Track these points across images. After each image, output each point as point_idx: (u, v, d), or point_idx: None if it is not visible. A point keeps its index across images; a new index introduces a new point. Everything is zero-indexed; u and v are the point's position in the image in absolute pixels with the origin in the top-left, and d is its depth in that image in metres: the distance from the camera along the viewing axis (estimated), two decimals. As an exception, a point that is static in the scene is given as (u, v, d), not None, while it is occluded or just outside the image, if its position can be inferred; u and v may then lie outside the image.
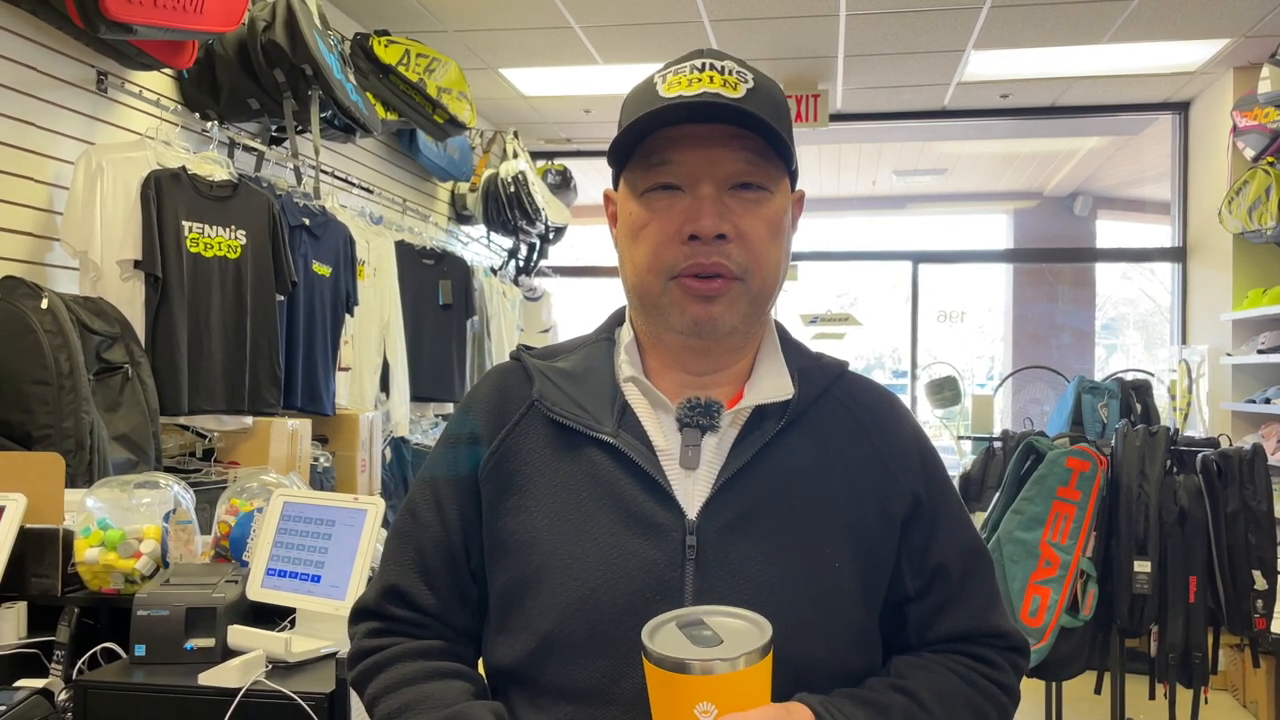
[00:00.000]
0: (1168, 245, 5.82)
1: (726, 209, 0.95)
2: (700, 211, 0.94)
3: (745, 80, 0.95)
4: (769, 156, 0.96)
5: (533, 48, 4.72)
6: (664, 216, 0.96)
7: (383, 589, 1.02)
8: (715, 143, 0.95)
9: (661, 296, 0.97)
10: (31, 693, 1.53)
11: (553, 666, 0.92)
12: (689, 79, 0.94)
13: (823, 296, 7.09)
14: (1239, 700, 4.20)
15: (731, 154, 0.95)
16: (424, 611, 1.01)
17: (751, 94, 0.94)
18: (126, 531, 1.79)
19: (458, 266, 4.65)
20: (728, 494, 0.94)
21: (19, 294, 2.28)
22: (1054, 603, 2.63)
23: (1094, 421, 3.93)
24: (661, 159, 0.96)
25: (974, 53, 4.73)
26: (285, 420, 3.03)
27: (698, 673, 0.76)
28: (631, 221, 0.99)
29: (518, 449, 0.99)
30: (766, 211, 0.97)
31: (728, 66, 0.96)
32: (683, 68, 0.96)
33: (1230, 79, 4.98)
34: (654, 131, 0.95)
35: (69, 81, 2.71)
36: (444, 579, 1.01)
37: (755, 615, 0.82)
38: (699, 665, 0.76)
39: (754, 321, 1.00)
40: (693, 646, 0.78)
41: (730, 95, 0.93)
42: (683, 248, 0.95)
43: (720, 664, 0.76)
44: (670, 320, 0.98)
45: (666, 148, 0.95)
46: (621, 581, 0.91)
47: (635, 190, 0.98)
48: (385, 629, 1.02)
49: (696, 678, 0.76)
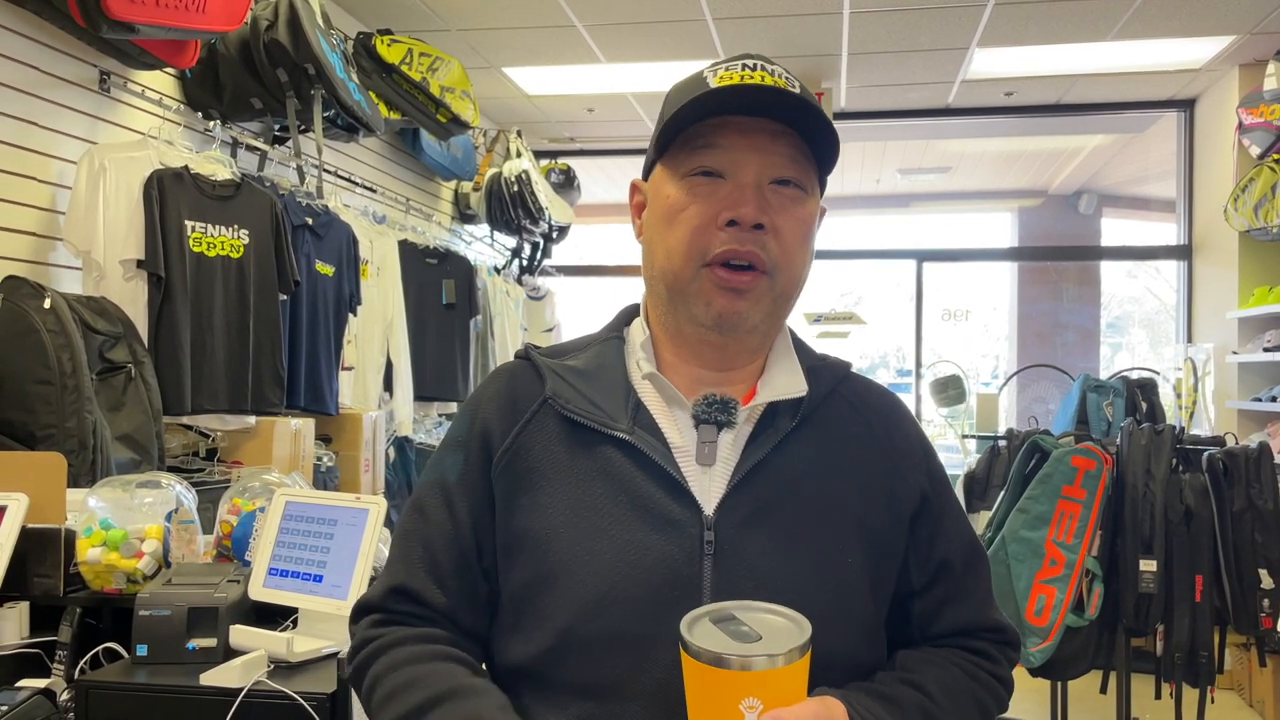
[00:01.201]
0: (1173, 243, 5.80)
1: (765, 202, 0.96)
2: (742, 199, 0.95)
3: (793, 85, 0.97)
4: (809, 158, 0.99)
5: (536, 47, 4.72)
6: (705, 201, 0.96)
7: (389, 588, 1.00)
8: (763, 134, 0.96)
9: (691, 283, 0.97)
10: (34, 692, 1.53)
11: (570, 664, 0.92)
12: (741, 74, 0.96)
13: (827, 295, 7.08)
14: (1245, 700, 4.18)
15: (777, 147, 0.96)
16: (432, 608, 0.99)
17: (801, 95, 0.96)
18: (129, 531, 1.79)
19: (461, 266, 4.65)
20: (744, 490, 0.95)
21: (22, 294, 2.29)
22: (1059, 602, 2.62)
23: (1099, 420, 3.92)
24: (707, 142, 0.97)
25: (978, 50, 4.72)
26: (288, 420, 3.03)
27: (745, 668, 0.76)
28: (668, 205, 0.99)
29: (531, 446, 0.99)
30: (802, 211, 0.98)
31: (777, 70, 0.98)
32: (733, 64, 0.98)
33: (1235, 76, 4.96)
34: (705, 118, 0.96)
35: (71, 81, 2.72)
36: (454, 578, 0.99)
37: (790, 611, 0.82)
38: (746, 660, 0.76)
39: (774, 322, 1.01)
40: (734, 642, 0.78)
41: (791, 92, 0.95)
42: (720, 233, 0.96)
43: (766, 659, 0.76)
44: (694, 310, 0.98)
45: (713, 133, 0.97)
46: (640, 577, 0.91)
47: (675, 174, 0.99)
48: (388, 620, 1.00)
49: (743, 673, 0.76)
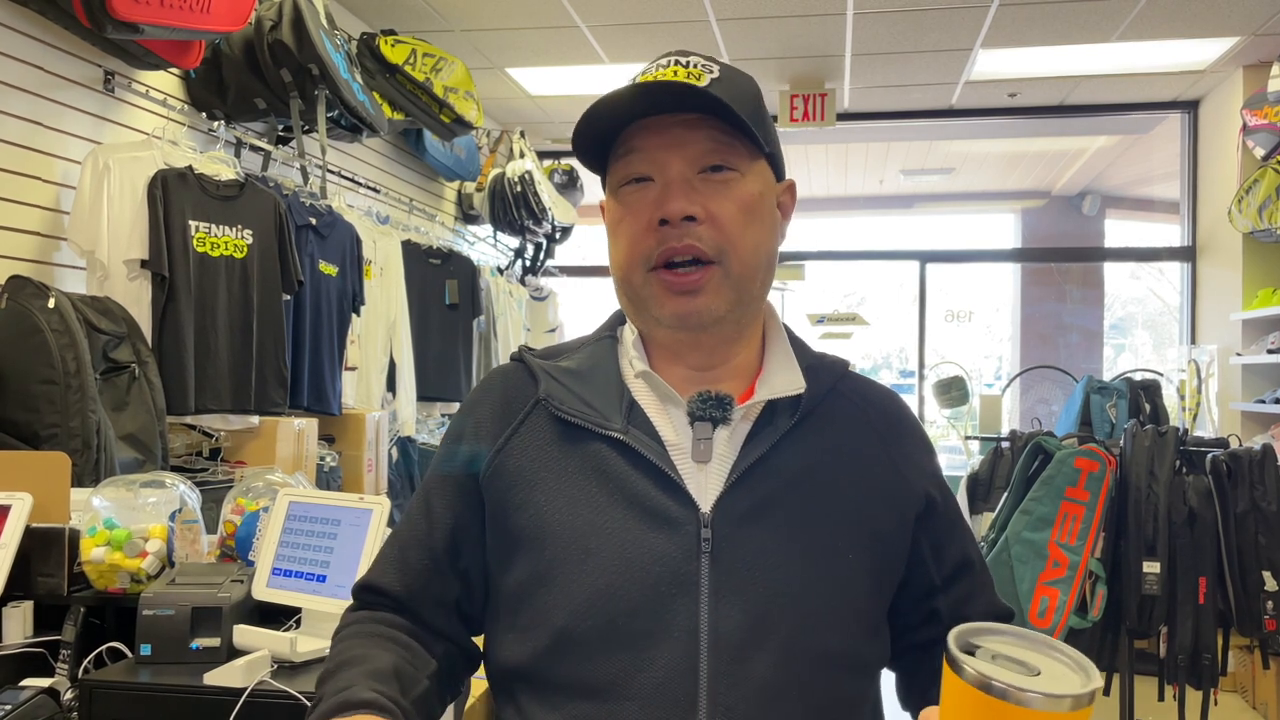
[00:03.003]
0: (1177, 245, 5.79)
1: (696, 192, 0.96)
2: (667, 195, 0.95)
3: (710, 71, 0.97)
4: (736, 138, 0.97)
5: (539, 47, 4.72)
6: (636, 208, 0.98)
7: (361, 584, 1.04)
8: (678, 127, 0.96)
9: (643, 289, 0.98)
10: (37, 692, 1.53)
11: (567, 663, 0.92)
12: (654, 75, 0.97)
13: (830, 296, 7.09)
14: (1248, 702, 4.17)
15: (695, 137, 0.96)
16: (397, 602, 1.02)
17: (715, 82, 0.96)
18: (132, 531, 1.79)
19: (464, 266, 4.65)
20: (741, 487, 0.94)
21: (26, 293, 2.29)
22: (1062, 603, 2.62)
23: (1102, 421, 3.91)
24: (627, 149, 0.98)
25: (982, 51, 4.71)
26: (291, 420, 3.03)
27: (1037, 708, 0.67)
28: (611, 219, 1.01)
29: (524, 447, 0.99)
30: (738, 192, 0.97)
31: (693, 61, 0.98)
32: (650, 67, 0.99)
33: (1240, 77, 4.95)
34: (622, 126, 0.97)
35: (76, 81, 2.72)
36: (420, 578, 1.01)
37: (1071, 650, 0.73)
38: (1041, 700, 0.67)
39: (742, 309, 1.00)
40: (1017, 675, 0.70)
41: (691, 84, 0.94)
42: (654, 234, 0.96)
43: (1056, 701, 0.67)
44: (654, 313, 0.99)
45: (631, 138, 0.98)
46: (637, 575, 0.91)
47: (613, 188, 1.01)
48: (357, 607, 1.04)
49: (1035, 712, 0.67)
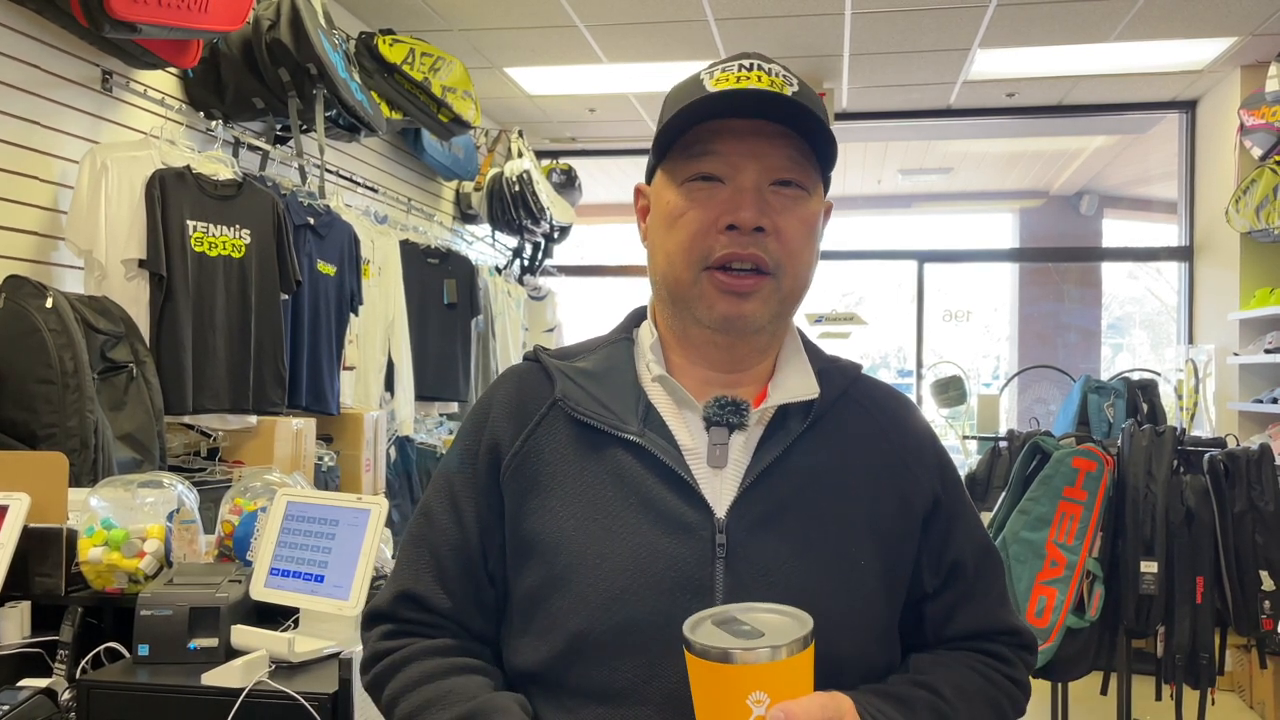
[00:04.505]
0: (1174, 244, 5.79)
1: (766, 204, 0.95)
2: (741, 203, 0.95)
3: (791, 84, 0.96)
4: (809, 158, 0.98)
5: (538, 47, 4.72)
6: (703, 205, 0.96)
7: (396, 593, 1.01)
8: (760, 138, 0.96)
9: (692, 288, 0.97)
10: (35, 692, 1.53)
11: (581, 668, 0.91)
12: (737, 76, 0.96)
13: (828, 296, 7.09)
14: (1245, 701, 4.18)
15: (775, 149, 0.96)
16: (439, 614, 0.99)
17: (798, 95, 0.95)
18: (130, 531, 1.79)
19: (462, 266, 4.65)
20: (755, 492, 0.94)
21: (24, 293, 2.29)
22: (1060, 603, 2.62)
23: (1100, 421, 3.92)
24: (705, 149, 0.96)
25: (980, 51, 4.72)
26: (290, 419, 3.03)
27: (749, 662, 0.76)
28: (668, 210, 0.99)
29: (541, 449, 0.99)
30: (804, 211, 0.98)
31: (774, 69, 0.97)
32: (730, 66, 0.97)
33: (1237, 77, 4.95)
34: (701, 122, 0.96)
35: (74, 80, 2.72)
36: (460, 583, 1.00)
37: (790, 608, 0.82)
38: (749, 654, 0.76)
39: (781, 322, 1.01)
40: (737, 639, 0.79)
41: (780, 93, 0.94)
42: (720, 237, 0.95)
43: (769, 651, 0.77)
44: (698, 314, 0.98)
45: (710, 139, 0.96)
46: (651, 580, 0.91)
47: (674, 180, 0.99)
48: (399, 630, 1.00)
49: (748, 667, 0.76)
